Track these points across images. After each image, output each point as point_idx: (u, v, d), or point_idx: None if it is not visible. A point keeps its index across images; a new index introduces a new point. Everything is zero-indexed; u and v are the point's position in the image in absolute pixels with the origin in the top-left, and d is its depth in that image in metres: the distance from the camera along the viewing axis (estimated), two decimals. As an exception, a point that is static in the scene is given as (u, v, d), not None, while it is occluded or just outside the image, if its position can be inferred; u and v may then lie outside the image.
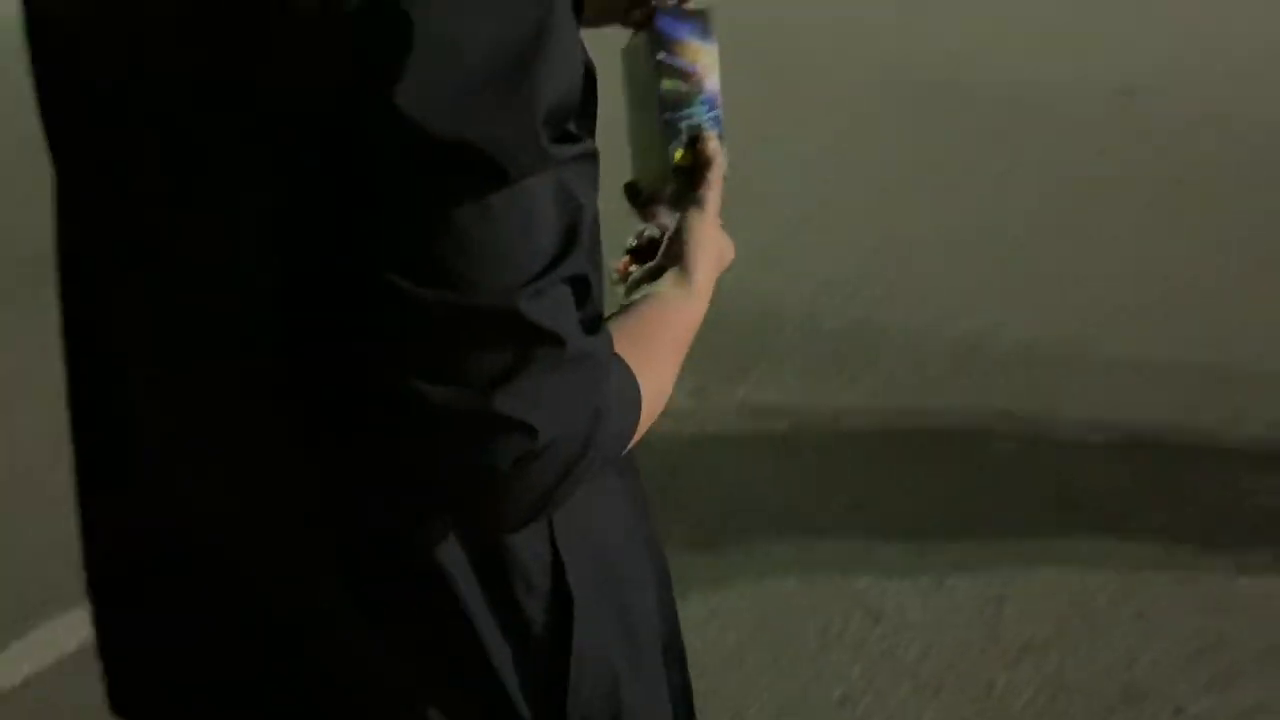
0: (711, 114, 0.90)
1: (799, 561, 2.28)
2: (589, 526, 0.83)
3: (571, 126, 0.63)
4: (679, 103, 0.87)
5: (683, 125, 0.88)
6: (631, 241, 0.90)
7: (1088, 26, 5.53)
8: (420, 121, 0.57)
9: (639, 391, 0.74)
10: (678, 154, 0.87)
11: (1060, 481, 2.43)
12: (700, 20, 0.88)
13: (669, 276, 0.84)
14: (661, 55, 0.86)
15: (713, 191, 0.88)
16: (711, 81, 0.89)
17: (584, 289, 0.66)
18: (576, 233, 0.64)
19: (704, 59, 0.88)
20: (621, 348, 0.73)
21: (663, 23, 0.87)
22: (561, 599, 0.80)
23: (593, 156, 0.66)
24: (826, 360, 2.92)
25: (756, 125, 4.40)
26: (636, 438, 0.77)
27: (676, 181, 0.88)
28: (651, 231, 0.91)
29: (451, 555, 0.75)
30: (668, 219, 0.89)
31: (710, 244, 0.87)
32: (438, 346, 0.62)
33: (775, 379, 2.86)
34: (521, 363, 0.62)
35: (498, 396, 0.62)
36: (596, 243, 0.71)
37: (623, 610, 0.87)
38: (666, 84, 0.87)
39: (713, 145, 0.89)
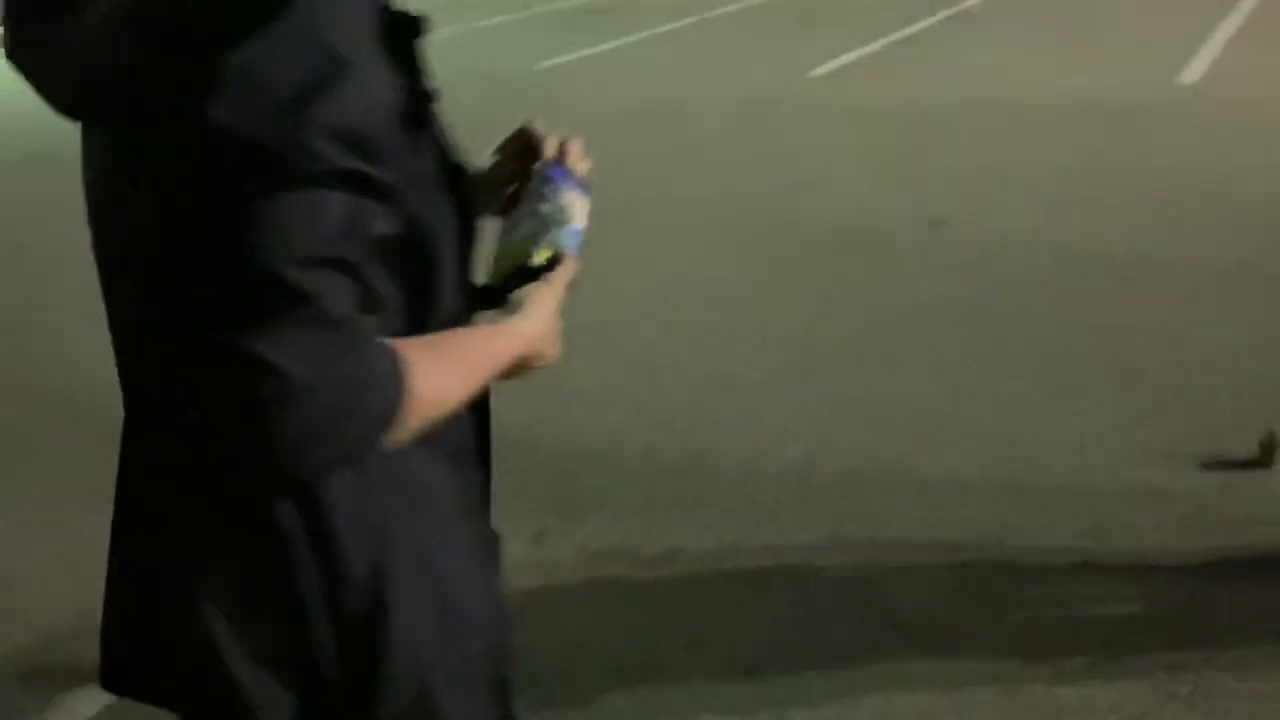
0: (575, 242, 1.04)
1: (640, 708, 2.25)
2: (430, 560, 0.97)
3: (369, 165, 0.82)
4: (552, 222, 1.02)
5: (549, 238, 1.02)
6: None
7: (899, 164, 5.92)
8: (226, 128, 0.79)
9: (412, 380, 0.86)
10: (540, 253, 1.00)
11: (888, 603, 2.49)
12: (581, 179, 1.07)
13: (496, 314, 1.01)
14: (546, 189, 1.04)
15: (560, 279, 1.03)
16: (579, 222, 1.04)
17: (355, 276, 0.82)
18: (357, 235, 0.82)
19: (578, 205, 1.04)
20: (417, 348, 0.88)
21: (553, 169, 1.05)
22: (379, 606, 0.94)
23: (390, 186, 0.84)
24: (664, 497, 2.96)
25: (590, 265, 4.53)
26: (411, 431, 0.88)
27: (531, 271, 1.02)
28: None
29: (289, 524, 0.90)
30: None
31: (543, 310, 1.01)
32: (221, 299, 0.79)
33: (615, 519, 2.88)
34: (282, 317, 0.79)
35: (257, 341, 0.78)
36: (412, 258, 0.89)
37: (450, 641, 0.99)
38: (545, 207, 1.03)
39: (567, 266, 1.04)
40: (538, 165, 1.07)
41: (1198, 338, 3.64)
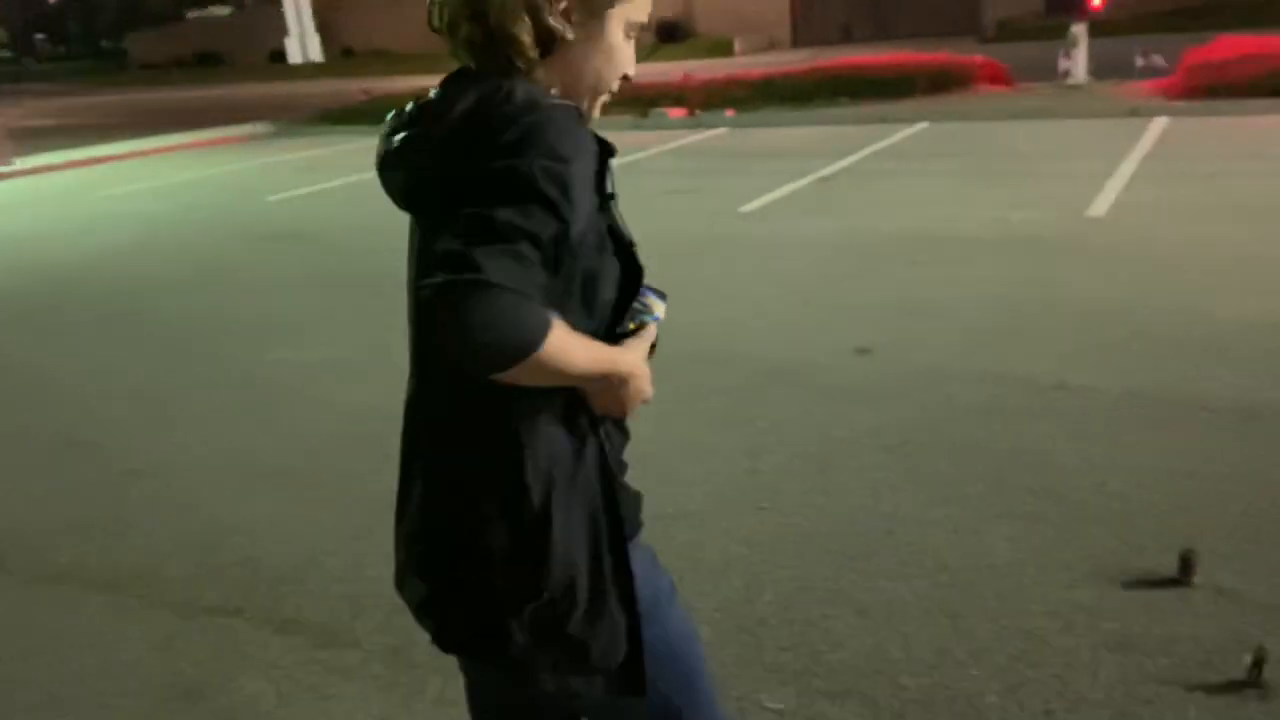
0: (652, 319, 1.60)
1: None
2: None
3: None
4: (640, 311, 1.59)
5: (638, 319, 1.59)
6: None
7: (826, 296, 6.13)
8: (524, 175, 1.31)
9: (553, 335, 1.26)
10: (631, 325, 1.56)
11: (829, 734, 2.51)
12: (661, 294, 1.62)
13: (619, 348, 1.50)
14: (641, 295, 1.58)
15: (644, 336, 1.56)
16: (657, 312, 1.60)
17: (536, 244, 1.27)
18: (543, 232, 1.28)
19: (657, 306, 1.61)
20: (566, 328, 1.31)
21: (644, 289, 1.59)
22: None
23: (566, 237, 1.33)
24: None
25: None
26: (538, 369, 1.26)
27: (626, 334, 1.57)
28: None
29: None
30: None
31: (635, 350, 1.53)
32: (467, 238, 1.26)
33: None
34: (498, 251, 1.23)
35: (475, 250, 1.22)
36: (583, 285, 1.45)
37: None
38: (639, 304, 1.59)
39: (650, 329, 1.58)
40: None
41: (1116, 462, 3.78)
